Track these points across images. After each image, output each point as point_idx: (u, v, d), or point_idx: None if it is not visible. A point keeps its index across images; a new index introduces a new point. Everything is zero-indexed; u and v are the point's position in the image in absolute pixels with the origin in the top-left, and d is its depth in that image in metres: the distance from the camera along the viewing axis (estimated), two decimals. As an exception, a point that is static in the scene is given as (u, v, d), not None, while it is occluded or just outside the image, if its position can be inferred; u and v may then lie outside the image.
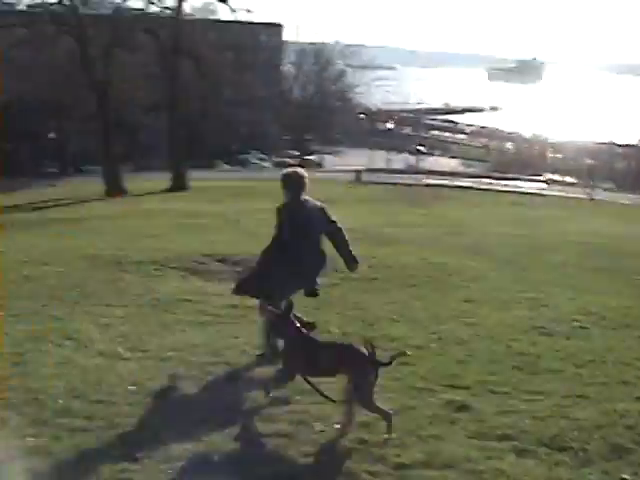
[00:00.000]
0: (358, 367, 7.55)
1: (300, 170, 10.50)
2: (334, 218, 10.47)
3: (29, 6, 60.20)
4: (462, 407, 8.14)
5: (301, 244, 10.04)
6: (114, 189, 54.60)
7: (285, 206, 10.19)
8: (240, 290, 10.71)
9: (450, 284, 15.81)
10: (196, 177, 62.54)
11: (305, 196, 10.28)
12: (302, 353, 7.85)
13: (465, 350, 10.57)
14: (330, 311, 13.00)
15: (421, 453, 6.97)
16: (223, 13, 74.41)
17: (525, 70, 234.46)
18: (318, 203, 10.43)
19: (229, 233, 23.75)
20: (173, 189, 55.48)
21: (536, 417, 7.96)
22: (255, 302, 13.33)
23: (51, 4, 58.22)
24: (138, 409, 8.13)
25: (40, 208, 43.25)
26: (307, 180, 10.32)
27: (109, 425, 7.67)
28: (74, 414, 7.92)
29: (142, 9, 60.95)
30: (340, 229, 10.51)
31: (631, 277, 17.76)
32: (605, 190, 66.74)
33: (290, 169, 10.69)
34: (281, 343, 8.71)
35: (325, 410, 7.98)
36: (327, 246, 10.56)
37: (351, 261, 10.80)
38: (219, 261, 18.04)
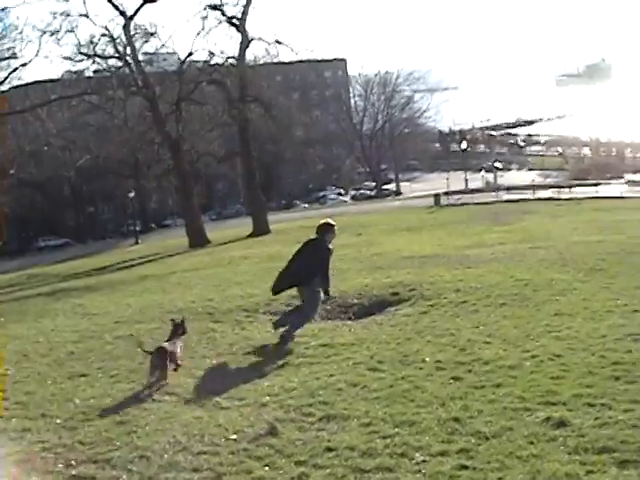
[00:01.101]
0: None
1: (327, 222, 14.96)
2: (329, 262, 14.73)
3: (96, 72, 61.55)
4: (560, 423, 8.11)
5: (307, 264, 14.52)
6: (197, 240, 55.29)
7: (311, 241, 14.94)
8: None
9: (539, 299, 15.70)
10: (276, 219, 63.11)
11: (328, 238, 14.70)
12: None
13: (559, 365, 10.51)
14: (421, 340, 13.05)
15: (522, 474, 6.98)
16: (286, 55, 75.13)
17: (594, 73, 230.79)
18: (331, 246, 14.74)
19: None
20: (254, 234, 55.97)
21: (636, 426, 7.87)
22: (347, 339, 13.62)
23: (118, 67, 59.44)
24: (241, 457, 8.27)
25: (127, 267, 43.97)
26: (328, 227, 14.78)
27: (215, 476, 7.84)
28: (180, 468, 8.12)
29: (206, 61, 61.86)
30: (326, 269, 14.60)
31: None
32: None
33: (322, 221, 15.13)
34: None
35: (422, 440, 8.07)
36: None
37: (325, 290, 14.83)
38: (306, 301, 18.17)
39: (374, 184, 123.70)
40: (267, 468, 7.86)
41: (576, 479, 6.79)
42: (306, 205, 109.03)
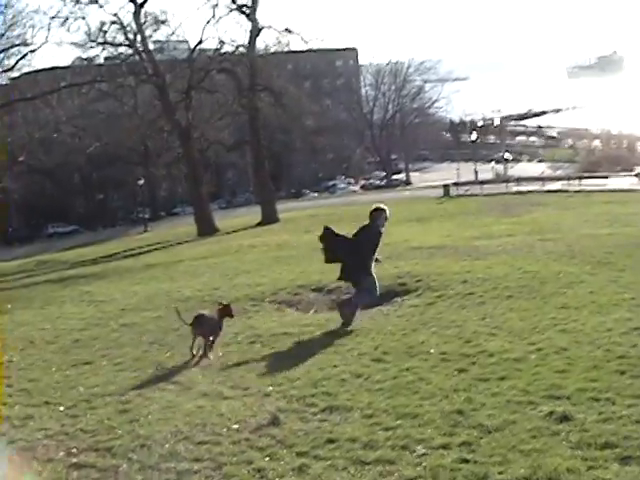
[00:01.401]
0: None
1: (378, 206, 15.03)
2: (379, 242, 15.07)
3: (107, 59, 61.63)
4: (564, 418, 8.04)
5: (361, 253, 14.81)
6: (206, 229, 55.33)
7: (364, 228, 14.96)
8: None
9: (546, 292, 15.64)
10: (285, 208, 63.10)
11: (380, 222, 14.87)
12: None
13: (565, 359, 10.44)
14: (427, 331, 13.01)
15: (524, 468, 6.91)
16: (297, 43, 74.96)
17: (606, 65, 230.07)
18: (382, 230, 14.99)
19: (320, 262, 23.81)
20: (263, 223, 56.00)
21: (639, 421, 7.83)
22: (352, 329, 13.61)
23: (128, 55, 59.46)
24: (242, 447, 8.24)
25: (135, 254, 44.03)
26: (380, 212, 14.88)
27: (215, 466, 7.79)
28: (181, 457, 8.08)
29: (216, 49, 61.84)
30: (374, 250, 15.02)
31: None
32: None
33: (373, 206, 15.14)
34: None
35: (425, 433, 8.03)
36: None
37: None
38: (313, 290, 18.25)
39: (384, 174, 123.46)
40: (268, 459, 7.82)
41: (577, 474, 6.72)
42: (315, 194, 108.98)
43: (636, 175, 68.02)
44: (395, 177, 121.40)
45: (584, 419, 7.99)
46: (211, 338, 12.69)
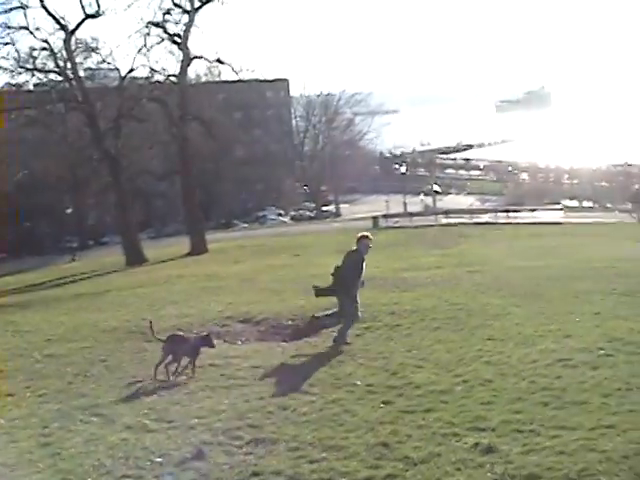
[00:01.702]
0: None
1: (363, 234, 16.18)
2: (363, 266, 15.63)
3: (36, 85, 60.88)
4: (488, 449, 8.11)
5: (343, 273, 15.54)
6: (134, 259, 54.72)
7: (351, 252, 15.89)
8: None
9: (473, 324, 15.75)
10: (214, 239, 62.70)
11: (363, 249, 15.68)
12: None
13: (490, 390, 10.53)
14: (354, 363, 13.01)
15: (448, 501, 6.96)
16: (228, 74, 74.85)
17: (534, 100, 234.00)
18: (365, 256, 15.70)
19: (249, 293, 23.80)
20: (192, 253, 55.55)
21: (563, 452, 7.90)
22: (280, 361, 13.54)
23: (58, 82, 58.82)
24: (165, 481, 8.14)
25: (62, 284, 43.40)
26: (363, 239, 15.85)
27: (137, 500, 7.69)
28: (102, 492, 7.95)
29: (147, 78, 61.48)
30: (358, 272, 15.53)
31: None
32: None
33: (360, 234, 16.23)
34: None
35: (350, 466, 7.99)
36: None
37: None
38: (241, 322, 18.12)
39: (314, 205, 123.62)
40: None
41: (501, 506, 6.77)
42: (245, 225, 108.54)
43: (563, 208, 69.15)
44: (325, 209, 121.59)
45: (508, 450, 8.06)
46: (182, 357, 13.17)
